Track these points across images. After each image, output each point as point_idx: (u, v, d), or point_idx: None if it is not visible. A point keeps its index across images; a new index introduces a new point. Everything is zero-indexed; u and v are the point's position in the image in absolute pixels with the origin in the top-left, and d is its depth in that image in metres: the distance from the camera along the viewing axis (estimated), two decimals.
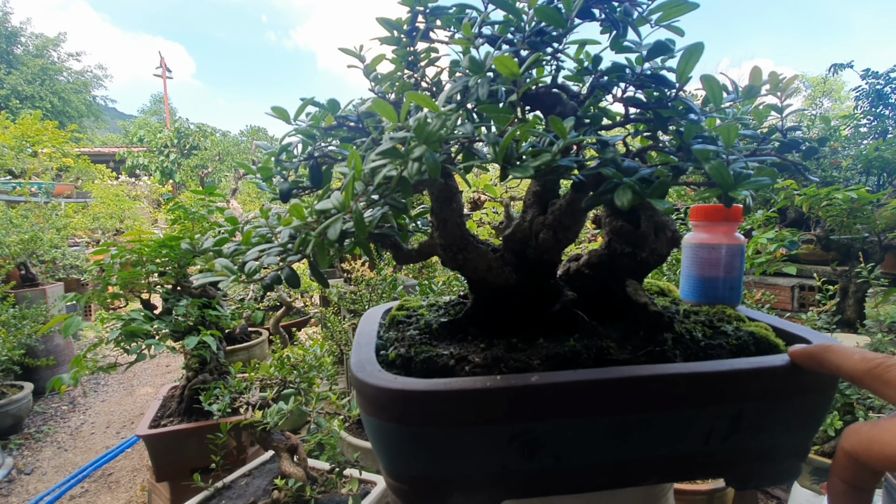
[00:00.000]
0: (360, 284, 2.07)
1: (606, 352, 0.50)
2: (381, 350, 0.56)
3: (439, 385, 0.44)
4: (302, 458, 1.44)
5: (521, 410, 0.43)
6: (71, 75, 20.99)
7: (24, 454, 2.65)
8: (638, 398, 0.45)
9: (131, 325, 1.55)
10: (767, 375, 0.46)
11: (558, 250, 0.55)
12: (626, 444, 0.46)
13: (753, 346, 0.53)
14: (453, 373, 0.50)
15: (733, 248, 0.65)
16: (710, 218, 0.66)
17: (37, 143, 6.57)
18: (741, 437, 0.47)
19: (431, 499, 0.47)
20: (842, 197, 1.93)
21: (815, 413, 0.49)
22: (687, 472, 0.51)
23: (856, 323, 2.09)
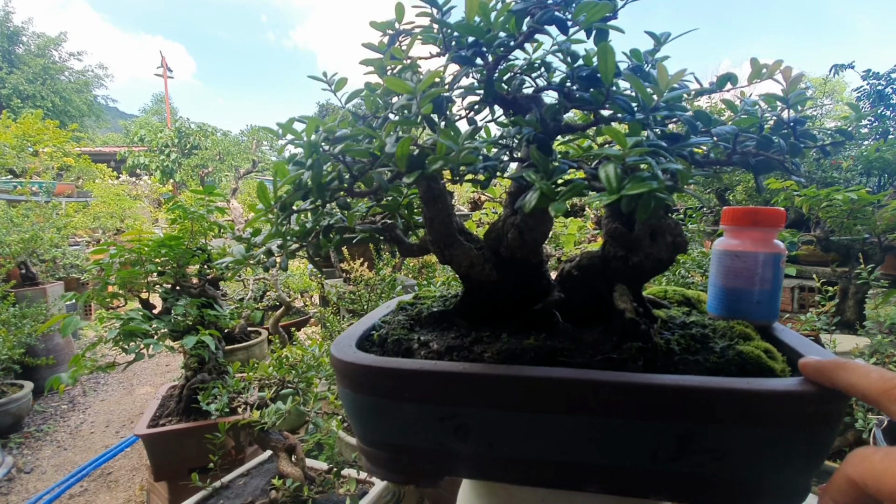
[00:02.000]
0: (358, 284, 2.07)
1: (559, 352, 0.50)
2: (373, 331, 0.61)
3: (380, 362, 0.50)
4: (300, 458, 1.44)
5: (447, 394, 0.48)
6: (72, 75, 21.03)
7: (24, 453, 2.65)
8: (557, 399, 0.45)
9: (130, 324, 1.55)
10: (723, 397, 0.42)
11: (527, 250, 0.57)
12: (558, 445, 0.46)
13: (736, 367, 0.48)
14: (411, 355, 0.55)
15: (762, 256, 0.57)
16: (736, 222, 0.58)
17: (38, 142, 6.58)
18: (700, 462, 0.43)
19: (390, 463, 0.53)
20: (842, 198, 1.92)
21: (802, 449, 0.43)
22: (635, 487, 0.46)
23: (856, 324, 2.08)
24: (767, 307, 0.58)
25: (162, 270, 1.80)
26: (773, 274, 0.57)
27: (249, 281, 3.56)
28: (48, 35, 20.68)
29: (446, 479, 0.55)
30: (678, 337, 0.54)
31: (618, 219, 0.58)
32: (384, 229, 0.68)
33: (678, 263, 2.10)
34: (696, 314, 0.65)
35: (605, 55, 0.45)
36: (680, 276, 2.04)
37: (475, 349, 0.54)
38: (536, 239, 0.56)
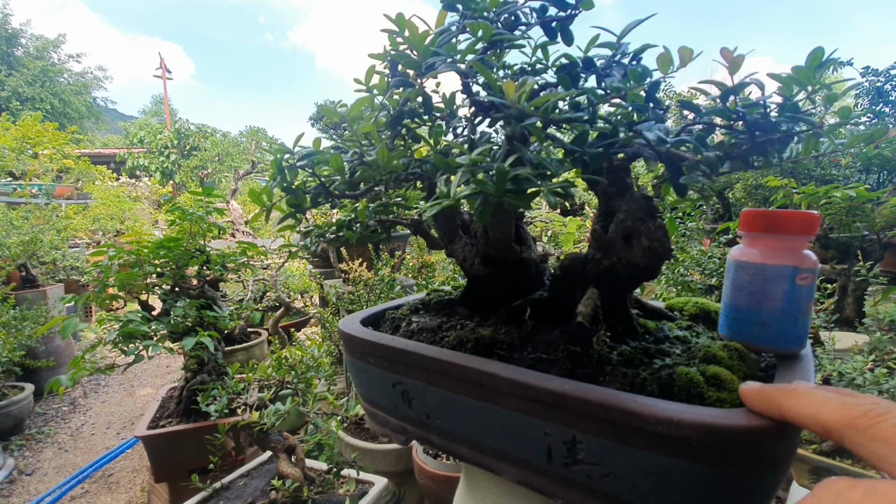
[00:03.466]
0: (357, 285, 2.07)
1: (498, 345, 0.55)
2: (394, 311, 0.72)
3: (356, 332, 0.61)
4: (300, 459, 1.44)
5: (395, 365, 0.56)
6: (71, 77, 21.02)
7: (25, 455, 2.65)
8: (463, 384, 0.50)
9: (129, 326, 1.55)
10: (601, 410, 0.40)
11: (496, 247, 0.61)
12: (476, 427, 0.50)
13: (658, 387, 0.45)
14: (397, 331, 0.65)
15: (771, 269, 0.48)
16: (749, 226, 0.50)
17: (37, 144, 6.58)
18: (588, 474, 0.42)
19: (373, 417, 0.63)
20: (841, 195, 1.92)
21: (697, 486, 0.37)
22: (542, 487, 0.46)
23: (855, 321, 2.08)
24: (776, 331, 0.48)
25: (161, 272, 1.80)
26: (786, 291, 0.47)
27: (249, 282, 3.57)
28: (47, 37, 20.66)
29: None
30: (632, 349, 0.51)
31: (600, 220, 0.57)
32: (413, 224, 0.74)
33: (677, 262, 2.10)
34: (698, 330, 0.60)
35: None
36: (679, 274, 2.04)
37: (441, 332, 0.61)
38: (499, 237, 0.59)
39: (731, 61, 0.46)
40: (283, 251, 3.90)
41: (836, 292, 2.10)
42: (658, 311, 0.65)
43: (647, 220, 0.51)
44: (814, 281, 0.48)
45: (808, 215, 0.48)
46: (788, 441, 0.37)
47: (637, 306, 0.65)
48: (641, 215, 0.52)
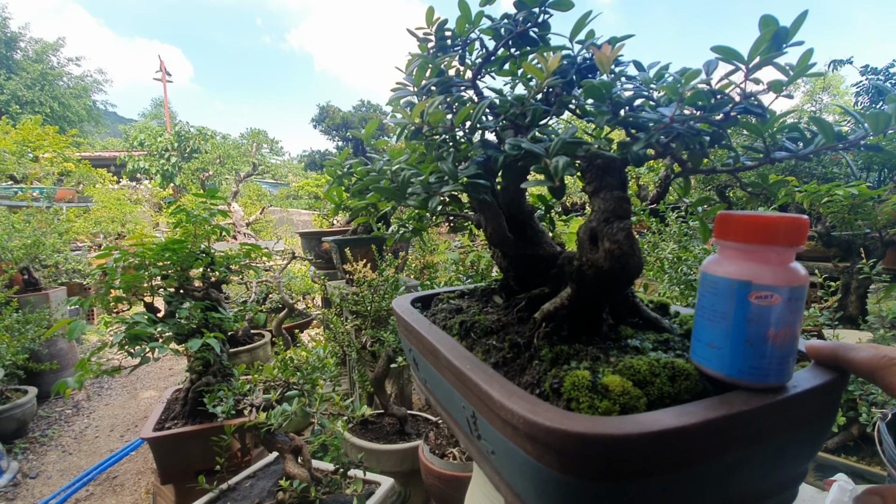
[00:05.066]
0: (361, 286, 2.07)
1: (474, 328, 0.60)
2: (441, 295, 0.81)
3: (398, 308, 0.73)
4: (306, 460, 1.44)
5: (409, 335, 0.67)
6: (71, 80, 21.01)
7: (29, 458, 2.66)
8: (431, 357, 0.58)
9: (135, 328, 1.56)
10: (479, 391, 0.42)
11: (495, 241, 0.65)
12: (441, 394, 0.59)
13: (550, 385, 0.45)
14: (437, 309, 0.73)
15: (722, 282, 0.40)
16: (718, 232, 0.42)
17: (38, 148, 6.59)
18: (487, 448, 0.47)
19: (419, 378, 0.73)
20: (842, 193, 1.92)
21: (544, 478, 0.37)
22: (475, 455, 0.54)
23: (858, 319, 2.09)
24: (725, 356, 0.40)
25: (165, 274, 1.81)
26: (735, 310, 0.39)
27: (252, 284, 3.57)
28: (46, 41, 20.67)
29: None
30: (571, 349, 0.50)
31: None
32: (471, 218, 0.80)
33: (680, 261, 2.10)
34: (678, 343, 0.54)
35: None
36: (682, 273, 2.04)
37: (456, 314, 0.67)
38: (491, 234, 0.63)
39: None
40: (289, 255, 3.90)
41: (839, 290, 2.10)
42: (651, 320, 0.59)
43: (613, 221, 0.49)
44: (781, 303, 0.38)
45: (764, 220, 0.39)
46: (625, 456, 0.33)
47: (633, 311, 0.60)
48: (608, 216, 0.50)
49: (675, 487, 0.36)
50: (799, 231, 0.38)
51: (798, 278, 0.39)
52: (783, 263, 0.39)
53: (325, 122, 10.06)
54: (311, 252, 3.55)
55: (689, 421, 0.34)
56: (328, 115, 9.12)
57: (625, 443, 0.33)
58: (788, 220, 0.38)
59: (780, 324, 0.38)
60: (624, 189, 0.52)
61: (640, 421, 0.34)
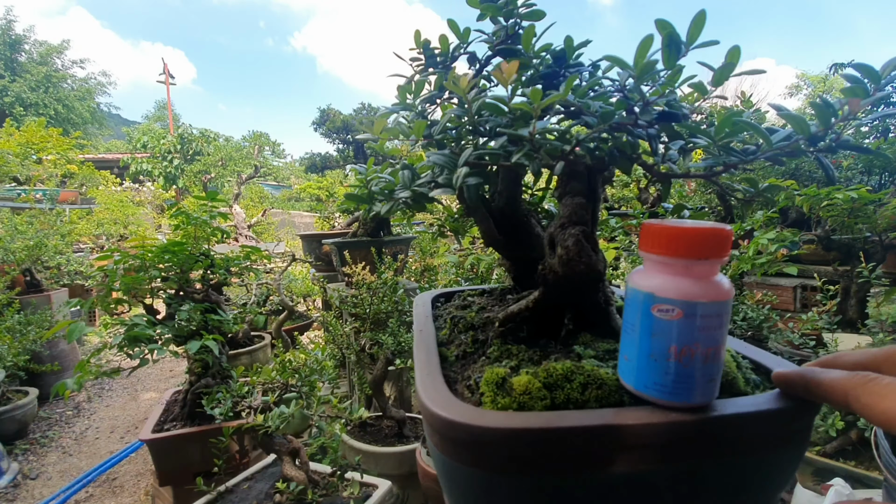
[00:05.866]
0: (361, 288, 2.07)
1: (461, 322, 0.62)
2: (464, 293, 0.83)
3: (417, 300, 0.75)
4: (304, 462, 1.44)
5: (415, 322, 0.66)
6: (75, 82, 21.13)
7: (30, 459, 2.66)
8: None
9: (134, 330, 1.56)
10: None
11: (487, 244, 0.67)
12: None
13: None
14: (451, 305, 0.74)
15: (630, 292, 0.39)
16: (642, 244, 0.39)
17: (41, 149, 6.63)
18: None
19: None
20: (843, 197, 1.92)
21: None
22: None
23: (857, 323, 2.08)
24: (635, 369, 0.39)
25: (166, 276, 1.82)
26: (640, 322, 0.38)
27: (252, 286, 3.58)
28: (50, 43, 20.79)
29: None
30: (518, 350, 0.51)
31: None
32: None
33: None
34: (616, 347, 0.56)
35: None
36: None
37: (464, 309, 0.69)
38: (483, 236, 0.65)
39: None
40: (286, 256, 3.91)
41: (839, 294, 2.10)
42: (617, 329, 0.57)
43: (568, 227, 0.50)
44: (682, 318, 0.35)
45: (668, 231, 0.36)
46: (484, 445, 0.36)
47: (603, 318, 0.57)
48: (564, 221, 0.51)
49: (570, 490, 0.36)
50: (706, 243, 0.35)
51: (706, 294, 0.35)
52: (692, 277, 0.36)
53: (326, 125, 10.05)
54: (311, 254, 3.56)
55: (545, 424, 0.35)
56: (328, 118, 9.12)
57: (479, 433, 0.35)
58: (692, 232, 0.35)
59: (682, 340, 0.36)
60: (590, 195, 0.52)
61: (495, 416, 0.36)
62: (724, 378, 0.41)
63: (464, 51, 0.61)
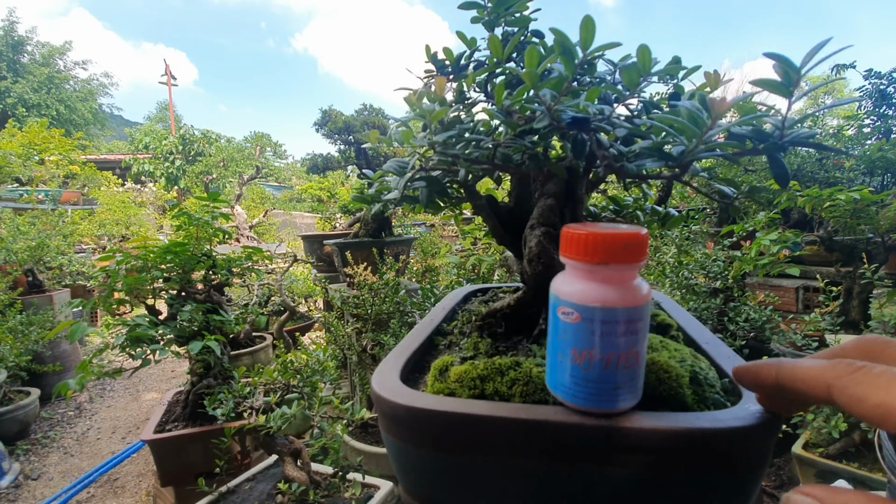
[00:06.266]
0: (362, 289, 2.08)
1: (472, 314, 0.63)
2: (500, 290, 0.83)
3: (447, 297, 0.74)
4: (305, 463, 1.44)
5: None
6: (77, 84, 21.20)
7: (31, 459, 2.67)
8: None
9: (136, 330, 1.56)
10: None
11: (497, 242, 0.66)
12: None
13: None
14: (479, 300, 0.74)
15: (552, 298, 0.38)
16: (563, 248, 0.38)
17: (44, 150, 6.64)
18: None
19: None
20: (845, 198, 1.92)
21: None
22: None
23: (860, 324, 2.08)
24: (549, 368, 0.39)
25: (168, 276, 1.82)
26: (553, 324, 0.38)
27: (254, 286, 3.58)
28: (53, 44, 20.85)
29: None
30: (483, 342, 0.53)
31: None
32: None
33: (681, 265, 2.10)
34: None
35: None
36: (683, 277, 2.04)
37: (487, 304, 0.69)
38: (492, 234, 0.66)
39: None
40: (287, 257, 3.92)
41: (842, 295, 2.10)
42: None
43: (536, 227, 0.51)
44: (580, 322, 0.35)
45: (571, 235, 0.36)
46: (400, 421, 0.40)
47: None
48: (534, 223, 0.52)
49: (473, 470, 0.38)
50: (603, 247, 0.35)
51: (605, 300, 0.35)
52: (594, 281, 0.36)
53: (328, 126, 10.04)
54: (313, 255, 3.56)
55: (454, 409, 0.38)
56: (330, 118, 9.09)
57: (401, 411, 0.39)
58: (588, 236, 0.35)
59: (581, 344, 0.36)
60: (566, 197, 0.53)
61: (417, 398, 0.40)
62: (664, 391, 0.39)
63: (472, 60, 0.62)
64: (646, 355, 0.37)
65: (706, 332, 0.53)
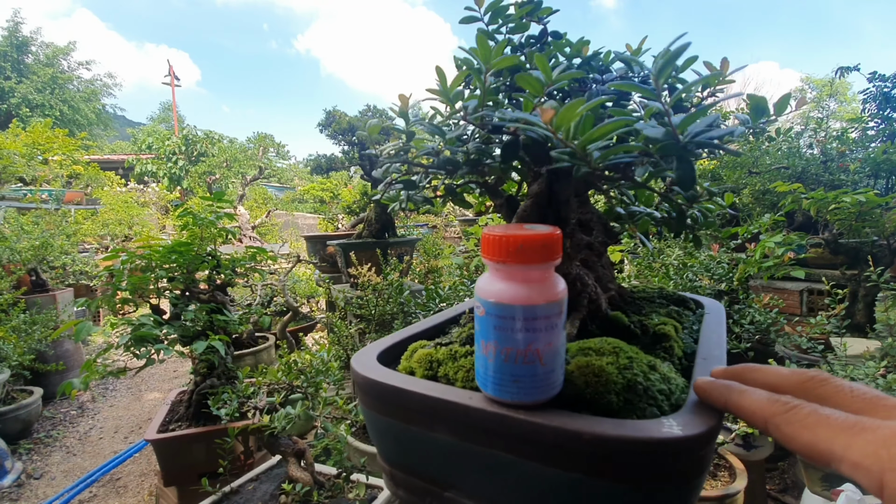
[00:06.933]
0: (366, 289, 2.07)
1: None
2: None
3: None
4: (309, 463, 1.44)
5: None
6: (80, 84, 21.25)
7: (34, 459, 2.67)
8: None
9: (141, 329, 1.56)
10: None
11: None
12: None
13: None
14: None
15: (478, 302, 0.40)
16: (482, 248, 0.40)
17: (47, 150, 6.66)
18: None
19: None
20: (850, 200, 1.91)
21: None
22: None
23: (865, 327, 2.07)
24: (476, 361, 0.42)
25: (171, 276, 1.82)
26: (474, 315, 0.41)
27: (257, 287, 3.58)
28: (57, 45, 20.92)
29: None
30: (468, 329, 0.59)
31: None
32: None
33: (685, 267, 2.09)
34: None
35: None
36: (688, 279, 2.03)
37: None
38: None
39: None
40: (291, 258, 3.92)
41: (847, 298, 2.09)
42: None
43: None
44: (485, 316, 0.38)
45: (483, 234, 0.39)
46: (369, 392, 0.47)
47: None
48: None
49: (414, 436, 0.44)
50: (500, 248, 0.37)
51: (500, 296, 0.37)
52: (500, 278, 0.38)
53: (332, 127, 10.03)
54: (316, 255, 3.56)
55: (398, 384, 0.44)
56: (334, 119, 9.08)
57: (363, 381, 0.46)
58: (490, 237, 0.38)
59: (485, 336, 0.39)
60: (548, 199, 0.55)
61: (379, 372, 0.47)
62: (590, 394, 0.40)
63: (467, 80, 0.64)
64: (559, 353, 0.39)
65: (715, 349, 0.51)
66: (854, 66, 4.17)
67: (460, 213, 6.26)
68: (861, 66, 4.06)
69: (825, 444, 0.27)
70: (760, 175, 2.84)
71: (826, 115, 7.55)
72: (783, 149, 3.06)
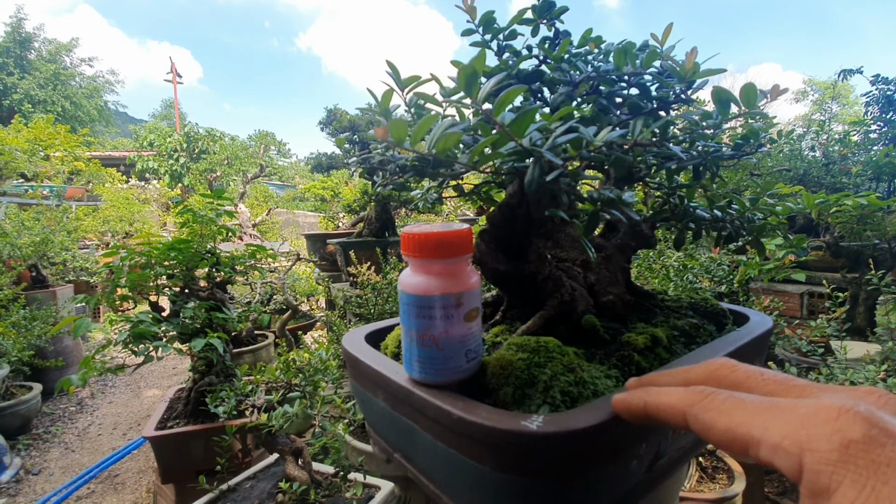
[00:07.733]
0: (365, 288, 2.07)
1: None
2: None
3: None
4: (307, 462, 1.44)
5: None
6: (83, 80, 21.27)
7: (32, 454, 2.67)
8: None
9: (139, 326, 1.56)
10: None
11: None
12: None
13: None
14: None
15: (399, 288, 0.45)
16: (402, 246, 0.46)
17: (49, 146, 6.65)
18: None
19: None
20: (851, 203, 1.90)
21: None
22: None
23: (866, 331, 2.06)
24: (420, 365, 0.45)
25: (171, 273, 1.82)
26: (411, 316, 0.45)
27: (257, 285, 3.58)
28: (59, 41, 20.94)
29: None
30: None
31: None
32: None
33: (685, 269, 2.09)
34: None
35: None
36: (688, 281, 2.03)
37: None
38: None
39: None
40: (290, 255, 3.92)
41: (848, 301, 2.08)
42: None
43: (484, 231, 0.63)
44: (403, 306, 0.44)
45: (403, 235, 0.43)
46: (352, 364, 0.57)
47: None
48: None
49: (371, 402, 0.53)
50: (407, 244, 0.43)
51: (408, 286, 0.43)
52: (414, 270, 0.43)
53: (333, 125, 9.93)
54: (315, 254, 3.56)
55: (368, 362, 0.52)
56: (335, 118, 9.03)
57: (346, 355, 0.56)
58: (404, 234, 0.43)
59: (402, 319, 0.45)
60: (518, 201, 0.56)
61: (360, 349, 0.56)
62: (493, 384, 0.44)
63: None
64: (459, 342, 0.43)
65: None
66: (857, 69, 4.16)
67: (461, 213, 6.26)
68: (864, 69, 4.05)
69: (744, 428, 0.26)
70: (762, 177, 2.84)
71: (828, 118, 7.54)
72: (785, 151, 3.06)
